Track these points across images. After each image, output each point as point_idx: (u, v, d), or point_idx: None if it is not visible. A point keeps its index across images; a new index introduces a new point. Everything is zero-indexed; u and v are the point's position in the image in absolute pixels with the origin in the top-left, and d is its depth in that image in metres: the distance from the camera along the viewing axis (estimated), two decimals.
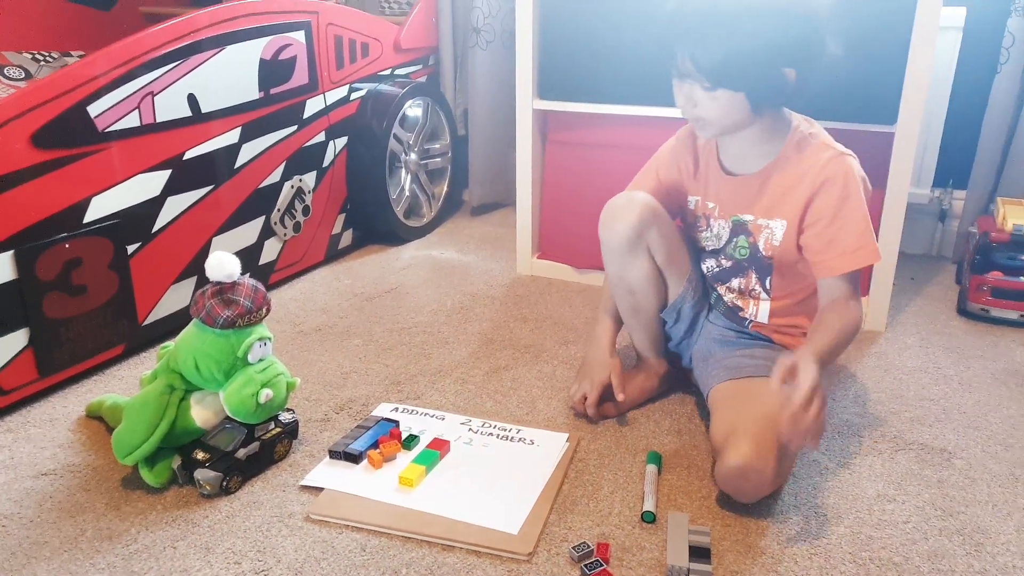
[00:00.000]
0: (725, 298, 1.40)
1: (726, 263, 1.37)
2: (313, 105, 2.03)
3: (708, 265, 1.40)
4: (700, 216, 1.38)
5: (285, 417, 1.30)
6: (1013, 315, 1.81)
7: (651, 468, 1.24)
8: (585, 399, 1.39)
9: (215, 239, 1.79)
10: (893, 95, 1.63)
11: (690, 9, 1.16)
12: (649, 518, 1.14)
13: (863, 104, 1.65)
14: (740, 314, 1.39)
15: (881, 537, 1.12)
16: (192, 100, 1.67)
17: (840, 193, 1.21)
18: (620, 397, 1.38)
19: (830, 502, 1.19)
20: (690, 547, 1.06)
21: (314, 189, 2.09)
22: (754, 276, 1.34)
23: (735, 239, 1.33)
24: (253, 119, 1.84)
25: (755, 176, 1.28)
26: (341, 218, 2.24)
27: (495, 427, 1.37)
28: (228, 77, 1.76)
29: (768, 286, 1.33)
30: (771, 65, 1.16)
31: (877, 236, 1.69)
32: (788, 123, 1.27)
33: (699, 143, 1.38)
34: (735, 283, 1.37)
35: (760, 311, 1.36)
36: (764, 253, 1.30)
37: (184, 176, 1.68)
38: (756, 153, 1.28)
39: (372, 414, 1.41)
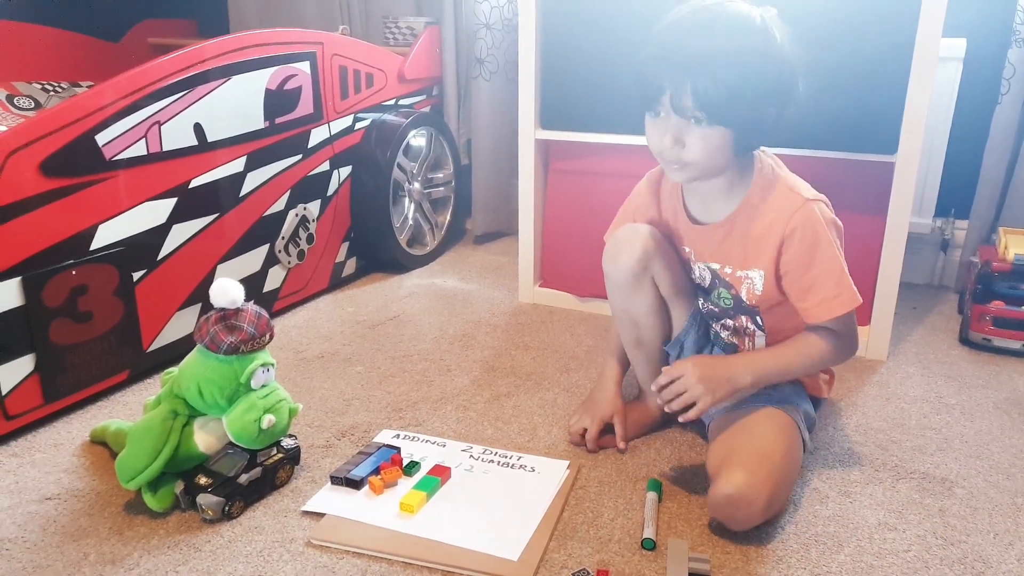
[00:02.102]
0: (722, 335, 1.40)
1: (714, 308, 1.37)
2: (318, 135, 2.06)
3: (701, 303, 1.40)
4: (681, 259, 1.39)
5: (287, 443, 1.30)
6: (1015, 344, 1.81)
7: (651, 496, 1.24)
8: (584, 432, 1.41)
9: (220, 267, 1.80)
10: (893, 125, 1.64)
11: (686, 46, 1.12)
12: (649, 545, 1.14)
13: (863, 134, 1.67)
14: (739, 351, 1.38)
15: (882, 566, 1.11)
16: (198, 129, 1.69)
17: (810, 243, 1.21)
18: (621, 446, 1.40)
19: (830, 530, 1.19)
20: (690, 574, 1.06)
21: (318, 218, 2.11)
22: (744, 318, 1.35)
23: (716, 290, 1.33)
24: (258, 148, 1.86)
25: (720, 225, 1.28)
26: (345, 246, 2.26)
27: (496, 454, 1.38)
28: (234, 107, 1.78)
29: (760, 324, 1.33)
30: (762, 104, 1.15)
31: (878, 265, 1.72)
32: (752, 168, 1.26)
33: (663, 188, 1.38)
34: (729, 323, 1.37)
35: (756, 347, 1.36)
36: (748, 302, 1.30)
37: (189, 204, 1.69)
38: (721, 203, 1.28)
39: (374, 440, 1.42)
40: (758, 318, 1.33)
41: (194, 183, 1.70)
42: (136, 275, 1.58)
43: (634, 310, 1.37)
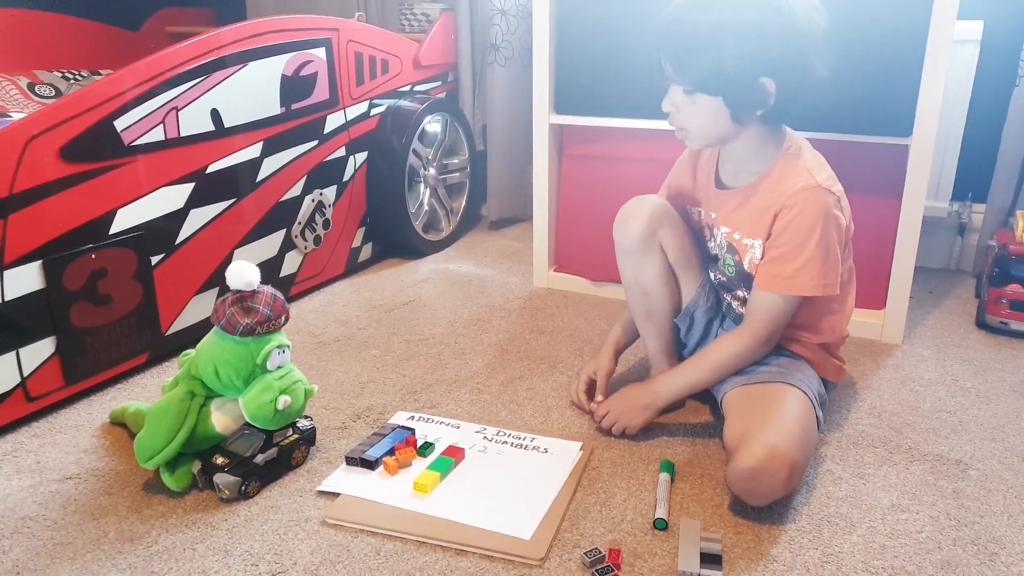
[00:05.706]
0: (733, 305, 1.41)
1: (722, 277, 1.40)
2: (334, 120, 2.07)
3: (713, 274, 1.43)
4: (705, 226, 1.41)
5: (303, 424, 1.32)
6: None
7: (664, 476, 1.25)
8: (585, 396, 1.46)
9: (237, 251, 1.82)
10: (908, 108, 1.63)
11: (674, 21, 1.22)
12: (661, 525, 1.14)
13: (878, 116, 1.66)
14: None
15: (894, 546, 1.11)
16: (215, 115, 1.71)
17: (802, 220, 1.23)
18: (599, 398, 1.43)
19: (843, 511, 1.19)
20: (702, 554, 1.07)
21: (334, 203, 2.12)
22: (747, 290, 1.36)
23: (725, 255, 1.36)
24: (275, 134, 1.88)
25: (740, 191, 1.32)
26: (361, 232, 2.27)
27: (509, 435, 1.39)
28: (250, 93, 1.79)
29: None
30: (747, 73, 1.19)
31: (893, 247, 1.71)
32: (780, 143, 1.29)
33: (702, 156, 1.42)
34: (739, 294, 1.39)
35: None
36: (749, 271, 1.32)
37: (207, 189, 1.71)
38: (748, 171, 1.32)
39: (388, 422, 1.43)
40: None
41: (211, 168, 1.71)
42: (154, 259, 1.60)
43: (643, 277, 1.39)
